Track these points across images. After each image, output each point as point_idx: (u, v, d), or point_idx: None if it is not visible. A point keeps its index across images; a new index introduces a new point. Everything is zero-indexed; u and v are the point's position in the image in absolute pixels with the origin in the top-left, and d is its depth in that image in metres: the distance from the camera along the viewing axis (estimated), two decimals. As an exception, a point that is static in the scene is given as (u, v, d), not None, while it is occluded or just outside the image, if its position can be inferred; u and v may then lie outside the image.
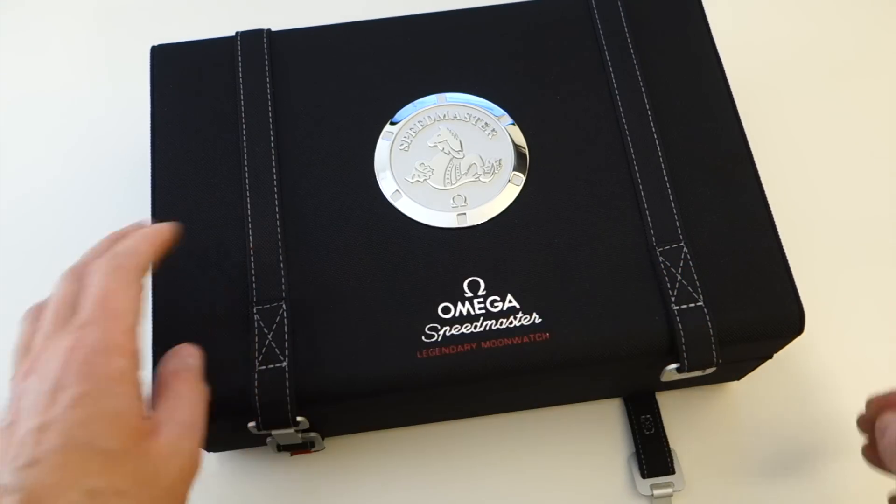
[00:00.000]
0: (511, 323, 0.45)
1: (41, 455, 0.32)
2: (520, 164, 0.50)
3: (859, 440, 0.46)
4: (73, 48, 0.70)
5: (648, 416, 0.56)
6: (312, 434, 0.50)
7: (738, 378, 0.56)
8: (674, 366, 0.45)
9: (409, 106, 0.52)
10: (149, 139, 0.51)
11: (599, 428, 0.56)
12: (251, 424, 0.44)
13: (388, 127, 0.51)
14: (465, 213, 0.48)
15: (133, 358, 0.36)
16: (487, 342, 0.45)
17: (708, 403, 0.57)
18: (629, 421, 0.56)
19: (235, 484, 0.55)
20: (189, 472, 0.36)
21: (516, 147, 0.50)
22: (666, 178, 0.49)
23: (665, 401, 0.57)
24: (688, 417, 0.56)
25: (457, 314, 0.46)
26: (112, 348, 0.35)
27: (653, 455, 0.54)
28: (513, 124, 0.51)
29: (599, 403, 0.57)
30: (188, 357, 0.40)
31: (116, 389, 0.34)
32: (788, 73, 0.68)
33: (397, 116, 0.51)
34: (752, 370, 0.54)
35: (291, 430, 0.46)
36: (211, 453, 0.55)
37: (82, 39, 0.71)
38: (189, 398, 0.38)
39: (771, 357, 0.50)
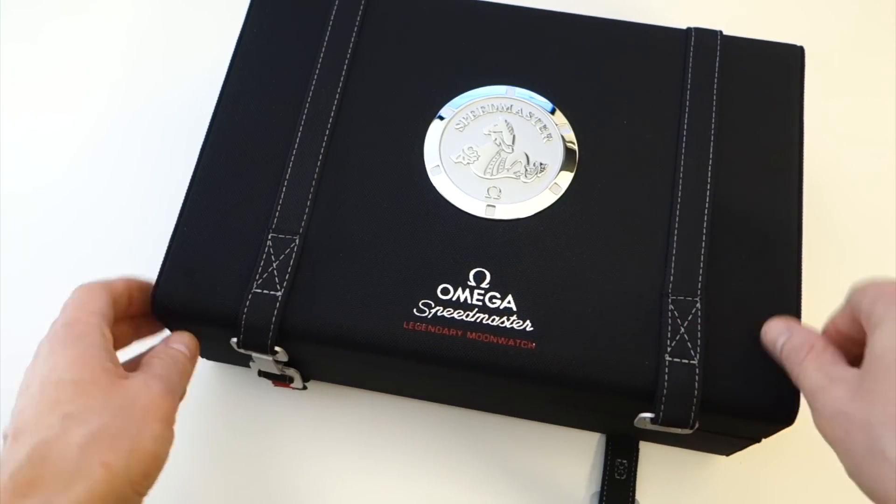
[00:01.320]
0: (502, 323, 0.45)
1: (24, 399, 0.38)
2: (564, 174, 0.49)
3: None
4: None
5: (624, 461, 0.55)
6: (291, 370, 0.51)
7: (727, 454, 0.54)
8: (648, 415, 0.44)
9: (478, 90, 0.52)
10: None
11: (574, 457, 0.56)
12: (234, 340, 0.46)
13: (451, 104, 0.52)
14: (494, 206, 0.48)
15: (98, 318, 0.41)
16: (473, 333, 0.45)
17: (690, 470, 0.55)
18: (605, 459, 0.55)
19: (219, 393, 0.57)
20: (159, 411, 0.40)
21: (566, 156, 0.50)
22: (704, 231, 0.48)
23: (648, 452, 0.55)
24: (665, 477, 0.55)
25: (453, 298, 0.46)
26: (78, 318, 0.41)
27: (615, 501, 0.53)
28: (570, 133, 0.50)
29: (583, 433, 0.56)
30: (180, 342, 0.45)
31: (83, 340, 0.40)
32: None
33: (463, 96, 0.52)
34: (740, 449, 0.52)
35: (270, 359, 0.47)
36: (206, 361, 0.57)
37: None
38: (167, 359, 0.43)
39: (759, 441, 0.48)
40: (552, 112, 0.51)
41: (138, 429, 0.38)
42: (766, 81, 0.53)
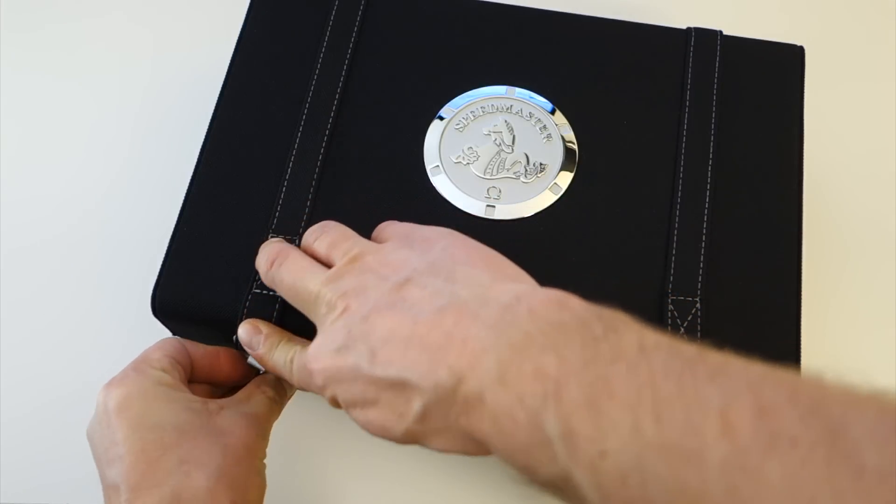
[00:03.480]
0: (502, 323, 0.45)
1: (119, 448, 0.39)
2: (564, 174, 0.49)
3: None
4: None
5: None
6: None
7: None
8: (648, 415, 0.44)
9: (478, 90, 0.52)
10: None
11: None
12: (235, 338, 0.46)
13: (451, 104, 0.52)
14: (494, 206, 0.48)
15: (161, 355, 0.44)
16: (473, 334, 0.45)
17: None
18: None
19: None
20: (255, 447, 0.42)
21: (566, 156, 0.50)
22: (704, 231, 0.48)
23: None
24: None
25: (453, 298, 0.46)
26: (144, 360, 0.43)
27: None
28: (570, 133, 0.50)
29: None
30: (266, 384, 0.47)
31: (149, 377, 0.42)
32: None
33: (463, 96, 0.52)
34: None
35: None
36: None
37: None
38: (259, 396, 0.45)
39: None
40: (552, 112, 0.51)
41: (248, 465, 0.40)
42: (766, 81, 0.53)
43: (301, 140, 0.50)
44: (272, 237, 0.47)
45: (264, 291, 0.46)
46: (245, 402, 0.44)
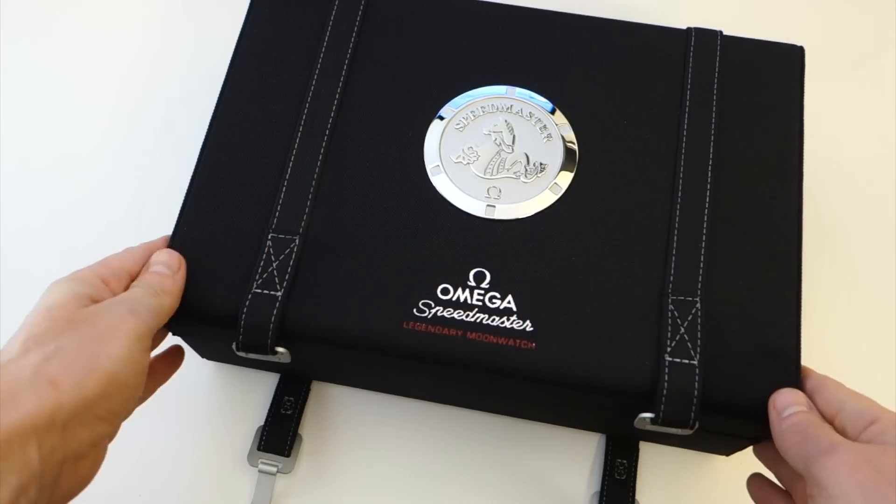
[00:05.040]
0: (503, 323, 0.45)
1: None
2: (564, 174, 0.49)
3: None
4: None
5: (624, 461, 0.55)
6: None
7: (727, 454, 0.54)
8: (648, 415, 0.44)
9: (478, 90, 0.52)
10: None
11: (573, 457, 0.56)
12: (234, 344, 0.46)
13: (451, 104, 0.52)
14: (494, 206, 0.48)
15: (105, 268, 0.44)
16: (473, 333, 0.45)
17: (689, 469, 0.55)
18: (605, 459, 0.55)
19: (222, 397, 0.57)
20: (120, 331, 0.39)
21: (566, 156, 0.50)
22: (704, 231, 0.48)
23: (648, 452, 0.55)
24: (665, 476, 0.55)
25: (453, 298, 0.46)
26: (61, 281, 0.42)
27: (616, 501, 0.53)
28: (570, 133, 0.50)
29: (582, 433, 0.56)
30: (158, 262, 0.45)
31: (76, 279, 0.42)
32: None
33: (463, 96, 0.52)
34: (740, 449, 0.52)
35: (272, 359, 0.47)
36: (208, 362, 0.57)
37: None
38: (140, 283, 0.44)
39: (759, 441, 0.48)
40: (552, 112, 0.51)
41: (95, 349, 0.38)
42: (766, 81, 0.53)
43: (301, 140, 0.50)
44: (272, 236, 0.47)
45: (264, 291, 0.46)
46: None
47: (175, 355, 0.50)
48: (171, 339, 0.49)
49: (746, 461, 0.54)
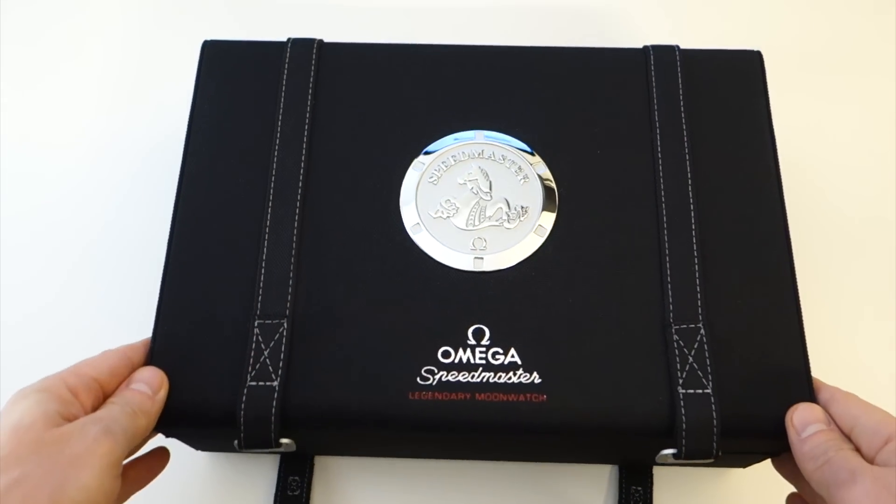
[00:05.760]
0: (510, 379, 0.44)
1: None
2: (546, 214, 0.48)
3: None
4: (126, 37, 0.71)
5: (640, 488, 0.54)
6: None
7: (744, 466, 0.54)
8: (670, 451, 0.44)
9: (446, 138, 0.51)
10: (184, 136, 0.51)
11: (588, 488, 0.55)
12: (235, 442, 0.44)
13: (421, 157, 0.50)
14: (482, 258, 0.47)
15: (74, 376, 0.40)
16: (482, 394, 0.44)
17: (707, 487, 0.55)
18: (619, 489, 0.54)
19: (223, 487, 0.55)
20: (92, 458, 0.37)
21: (546, 196, 0.49)
22: (695, 253, 0.47)
23: (661, 475, 0.55)
24: (682, 498, 0.54)
25: (456, 360, 0.45)
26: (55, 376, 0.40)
27: (636, 529, 0.53)
28: (546, 171, 0.49)
29: (593, 465, 0.55)
30: (140, 381, 0.43)
31: (43, 391, 0.39)
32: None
33: (432, 147, 0.50)
34: (759, 461, 0.51)
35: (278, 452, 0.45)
36: (200, 452, 0.55)
37: (135, 30, 0.72)
38: (117, 401, 0.41)
39: (778, 455, 0.48)
40: (525, 151, 0.50)
41: (63, 478, 0.35)
42: (730, 90, 0.52)
43: (272, 211, 0.48)
44: (259, 323, 0.45)
45: (260, 382, 0.44)
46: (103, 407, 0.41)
47: (158, 458, 0.47)
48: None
49: (765, 472, 0.54)
